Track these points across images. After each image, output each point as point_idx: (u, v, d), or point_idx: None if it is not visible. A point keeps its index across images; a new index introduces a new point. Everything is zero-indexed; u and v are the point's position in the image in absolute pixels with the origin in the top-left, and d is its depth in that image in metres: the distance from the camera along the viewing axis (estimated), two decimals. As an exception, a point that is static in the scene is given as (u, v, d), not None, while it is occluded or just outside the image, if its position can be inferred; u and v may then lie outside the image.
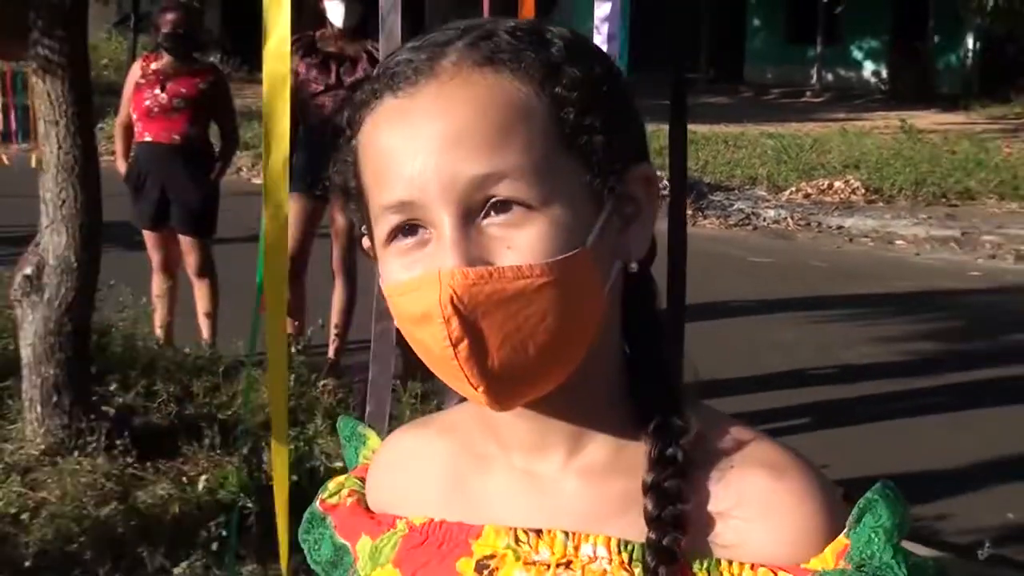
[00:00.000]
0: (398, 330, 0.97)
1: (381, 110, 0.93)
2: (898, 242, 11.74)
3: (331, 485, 1.17)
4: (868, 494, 0.94)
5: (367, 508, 1.13)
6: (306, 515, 1.17)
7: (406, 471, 1.10)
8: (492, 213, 0.90)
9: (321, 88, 5.87)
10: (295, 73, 5.75)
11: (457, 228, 0.89)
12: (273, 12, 2.79)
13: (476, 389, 0.91)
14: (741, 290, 9.18)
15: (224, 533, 3.91)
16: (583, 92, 0.92)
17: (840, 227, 12.48)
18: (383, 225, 0.93)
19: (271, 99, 2.82)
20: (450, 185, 0.89)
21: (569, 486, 1.00)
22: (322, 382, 5.75)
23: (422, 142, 0.89)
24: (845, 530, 0.94)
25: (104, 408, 4.84)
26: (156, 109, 6.27)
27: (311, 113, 5.85)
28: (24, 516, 4.08)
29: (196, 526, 4.00)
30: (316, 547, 1.15)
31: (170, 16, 6.35)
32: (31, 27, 4.54)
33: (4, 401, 5.02)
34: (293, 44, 5.79)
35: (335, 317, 6.19)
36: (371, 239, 0.99)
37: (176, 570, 3.75)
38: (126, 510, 4.16)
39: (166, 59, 6.34)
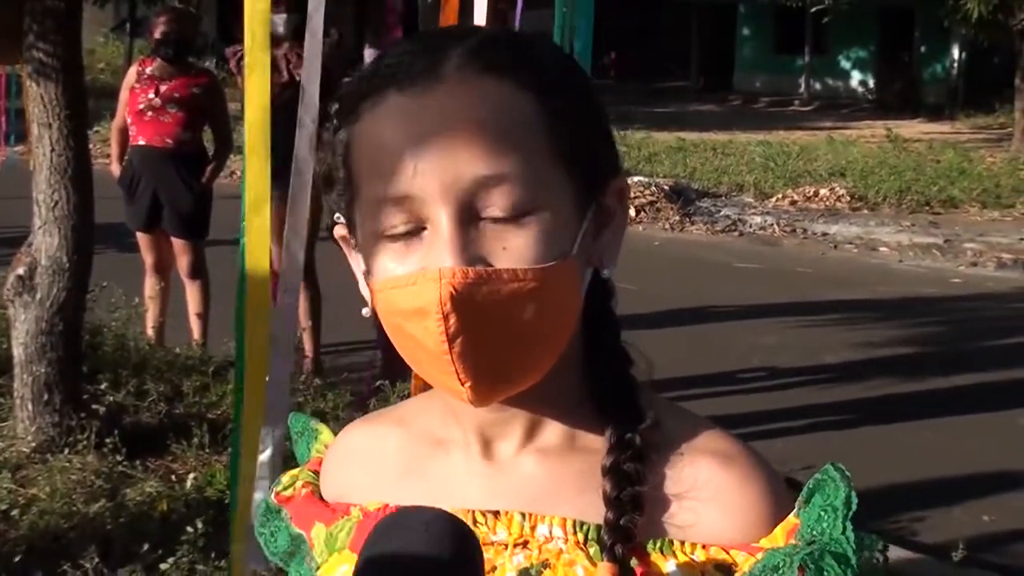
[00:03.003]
0: (382, 330, 0.99)
1: (385, 106, 0.94)
2: (882, 249, 11.83)
3: (284, 479, 1.19)
4: (817, 475, 0.98)
5: (321, 498, 1.14)
6: (261, 508, 1.19)
7: (360, 462, 1.12)
8: (489, 214, 0.92)
9: (277, 88, 6.01)
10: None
11: (455, 226, 0.91)
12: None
13: (463, 385, 0.94)
14: (727, 295, 9.25)
15: (211, 530, 3.95)
16: (577, 109, 0.97)
17: (825, 234, 12.57)
18: (379, 217, 0.95)
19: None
20: (452, 184, 0.91)
21: (526, 467, 1.03)
22: (313, 382, 5.82)
23: (428, 141, 0.92)
24: (795, 510, 0.98)
25: (95, 407, 4.88)
26: (150, 112, 6.33)
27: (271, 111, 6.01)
28: (14, 512, 4.13)
29: (184, 523, 4.02)
30: (272, 539, 1.17)
31: (165, 21, 6.41)
32: (26, 31, 4.59)
33: (-4, 399, 5.08)
34: (240, 60, 6.03)
35: (303, 320, 6.26)
36: (350, 229, 1.02)
37: (163, 566, 3.77)
38: (115, 507, 4.20)
39: (161, 63, 6.40)
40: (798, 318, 8.48)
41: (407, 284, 0.93)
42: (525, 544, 1.00)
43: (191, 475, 4.55)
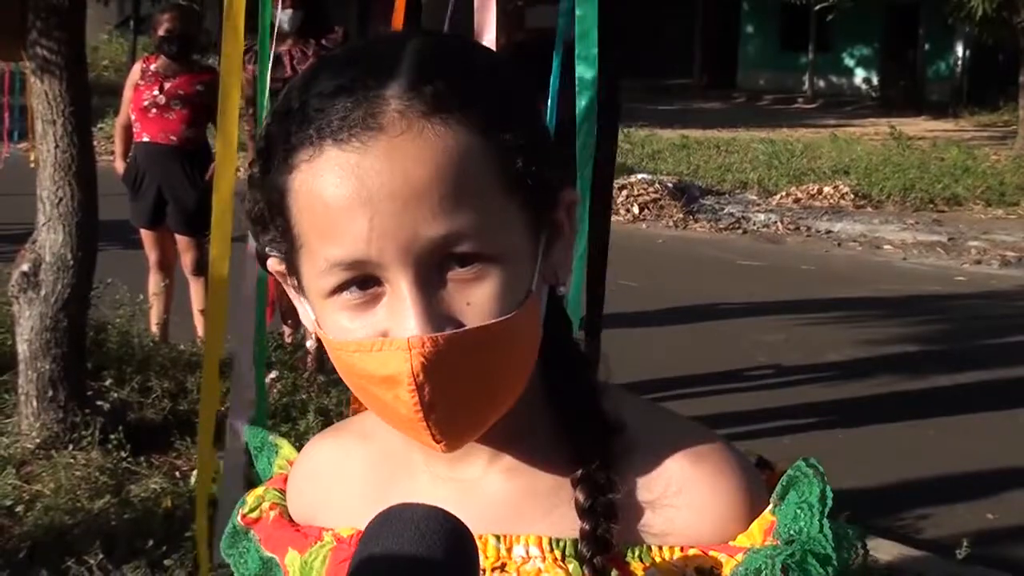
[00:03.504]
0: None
1: (324, 161, 0.88)
2: (885, 247, 11.81)
3: (250, 499, 1.15)
4: (790, 471, 0.97)
5: (291, 520, 1.11)
6: (227, 530, 1.15)
7: (327, 480, 1.10)
8: (449, 271, 0.89)
9: (280, 84, 6.04)
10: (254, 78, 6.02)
11: (417, 289, 0.87)
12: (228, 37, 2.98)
13: (438, 443, 0.91)
14: (730, 293, 9.24)
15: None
16: (523, 134, 0.92)
17: (829, 232, 12.54)
18: (328, 279, 0.90)
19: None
20: (409, 246, 0.87)
21: (493, 487, 1.01)
22: (317, 379, 5.81)
23: (379, 201, 0.86)
24: (770, 507, 0.96)
25: (99, 403, 4.89)
26: (154, 109, 6.34)
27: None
28: (19, 508, 4.14)
29: (188, 519, 4.03)
30: (242, 561, 1.13)
31: (168, 18, 6.42)
32: (29, 27, 4.59)
33: (1, 396, 5.08)
34: (246, 54, 6.06)
35: None
36: (291, 270, 0.96)
37: (167, 562, 3.78)
38: (119, 503, 4.22)
39: (164, 60, 6.41)
40: (802, 316, 8.47)
41: (371, 350, 0.89)
42: (503, 567, 0.97)
43: (195, 472, 4.53)
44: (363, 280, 0.90)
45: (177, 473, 4.59)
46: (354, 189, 0.87)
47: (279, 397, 5.49)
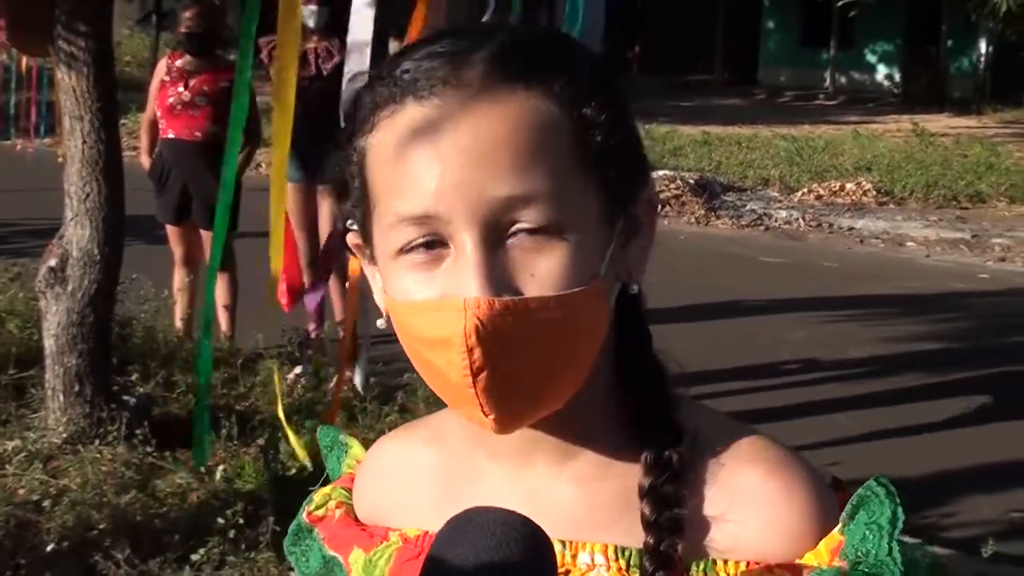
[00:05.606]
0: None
1: (402, 116, 0.90)
2: (908, 244, 11.77)
3: (316, 497, 1.15)
4: (861, 490, 0.95)
5: (357, 520, 1.11)
6: (292, 527, 1.15)
7: (394, 481, 1.09)
8: (515, 236, 0.88)
9: (306, 82, 6.05)
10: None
11: (480, 250, 0.87)
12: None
13: (487, 416, 0.90)
14: (752, 290, 9.21)
15: (241, 521, 3.97)
16: (607, 117, 0.91)
17: (851, 228, 12.51)
18: (397, 235, 0.90)
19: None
20: (476, 203, 0.87)
21: (562, 493, 0.99)
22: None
23: (450, 156, 0.87)
24: (839, 526, 0.94)
25: (124, 398, 4.91)
26: (179, 106, 6.37)
27: (297, 106, 6.04)
28: (46, 503, 4.14)
29: (213, 514, 4.05)
30: (304, 559, 1.13)
31: (191, 14, 6.44)
32: (56, 22, 4.61)
33: (27, 390, 5.10)
34: (272, 50, 6.06)
35: (339, 314, 6.23)
36: (366, 240, 0.97)
37: (194, 556, 3.79)
38: (145, 498, 4.22)
39: (189, 57, 6.44)
40: (825, 313, 8.45)
41: (428, 310, 0.89)
42: (567, 573, 0.96)
43: (220, 467, 4.56)
44: (429, 240, 0.90)
45: (202, 468, 4.60)
46: (427, 143, 0.88)
47: (303, 393, 5.50)
